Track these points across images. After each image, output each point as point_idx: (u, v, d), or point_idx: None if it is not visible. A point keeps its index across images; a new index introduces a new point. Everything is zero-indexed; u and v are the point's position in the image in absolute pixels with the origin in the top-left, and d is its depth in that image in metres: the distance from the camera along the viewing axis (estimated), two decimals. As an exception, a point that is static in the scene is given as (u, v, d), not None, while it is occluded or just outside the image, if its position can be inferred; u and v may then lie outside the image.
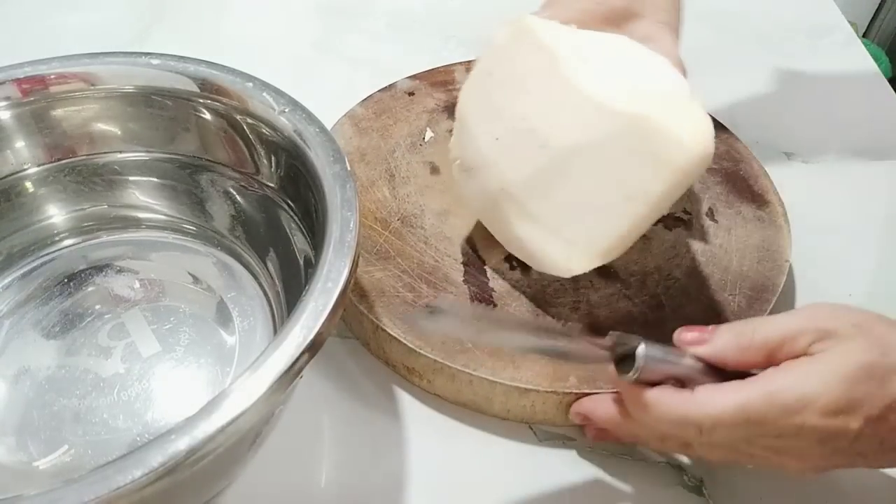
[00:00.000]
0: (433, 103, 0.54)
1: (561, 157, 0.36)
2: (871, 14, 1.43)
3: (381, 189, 0.48)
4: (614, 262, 0.43)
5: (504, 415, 0.40)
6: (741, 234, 0.46)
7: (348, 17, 0.69)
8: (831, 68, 0.65)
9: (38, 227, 0.43)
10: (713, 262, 0.45)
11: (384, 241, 0.44)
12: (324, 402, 0.40)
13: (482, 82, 0.40)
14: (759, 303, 0.42)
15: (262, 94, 0.39)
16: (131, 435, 0.36)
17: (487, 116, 0.39)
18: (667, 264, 0.44)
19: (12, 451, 0.35)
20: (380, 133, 0.51)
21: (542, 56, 0.37)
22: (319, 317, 0.29)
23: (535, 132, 0.37)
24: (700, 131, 0.33)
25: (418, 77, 0.56)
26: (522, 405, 0.39)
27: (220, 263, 0.43)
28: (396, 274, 0.43)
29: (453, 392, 0.40)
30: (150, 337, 0.40)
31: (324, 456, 0.38)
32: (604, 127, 0.35)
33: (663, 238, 0.46)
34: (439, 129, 0.52)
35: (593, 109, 0.35)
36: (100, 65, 0.41)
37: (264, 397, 0.26)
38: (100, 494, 0.24)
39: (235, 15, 0.69)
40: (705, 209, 0.48)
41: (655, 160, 0.33)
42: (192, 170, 0.43)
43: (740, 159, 0.51)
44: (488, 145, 0.39)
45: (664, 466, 0.38)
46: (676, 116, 0.33)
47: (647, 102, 0.34)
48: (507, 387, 0.38)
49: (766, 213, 0.48)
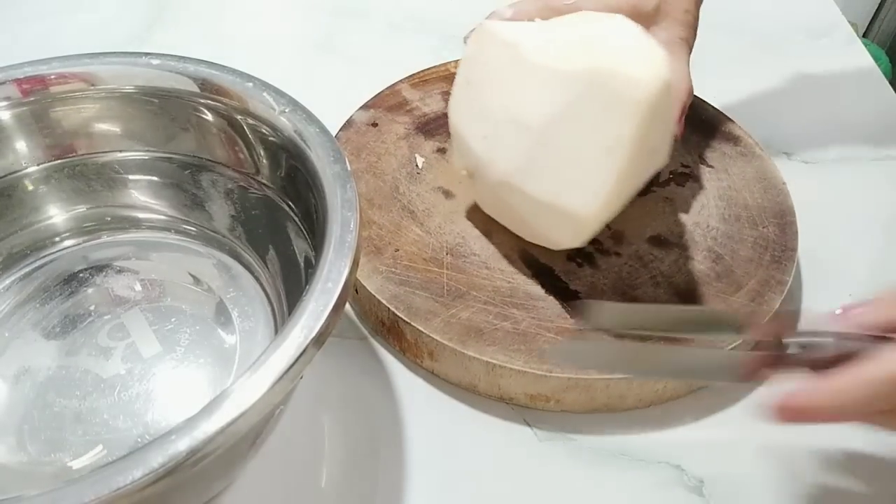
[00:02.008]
0: (402, 129, 0.52)
1: (541, 133, 0.38)
2: (871, 14, 1.43)
3: (411, 229, 0.46)
4: (661, 230, 0.46)
5: (636, 404, 0.41)
6: (737, 171, 0.50)
7: (349, 17, 0.69)
8: (831, 68, 0.65)
9: (38, 227, 0.43)
10: (733, 201, 0.48)
11: (447, 279, 0.43)
12: (324, 402, 0.40)
13: (463, 92, 0.42)
14: (787, 226, 0.47)
15: (262, 94, 0.39)
16: (132, 435, 0.36)
17: (474, 120, 0.41)
18: (700, 217, 0.47)
19: (13, 452, 0.35)
20: (371, 173, 0.49)
21: (507, 51, 0.39)
22: (319, 317, 0.29)
23: (516, 119, 0.39)
24: (652, 64, 0.36)
25: (371, 105, 0.54)
26: (655, 389, 0.40)
27: (220, 264, 0.43)
28: (481, 308, 0.41)
29: (586, 402, 0.40)
30: (151, 337, 0.40)
31: (324, 456, 0.38)
32: (568, 91, 0.37)
33: (683, 195, 0.49)
34: (425, 151, 0.51)
35: (557, 79, 0.37)
36: (100, 65, 0.41)
37: (264, 397, 0.26)
38: (100, 494, 0.24)
39: (236, 15, 0.69)
40: (697, 158, 0.51)
41: (618, 104, 0.36)
42: (192, 170, 0.43)
43: (693, 104, 0.50)
44: (479, 145, 0.40)
45: (664, 466, 0.38)
46: (628, 59, 0.36)
47: (602, 57, 0.36)
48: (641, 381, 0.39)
49: (744, 148, 0.52)
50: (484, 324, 0.40)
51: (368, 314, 0.44)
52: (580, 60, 0.36)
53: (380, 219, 0.46)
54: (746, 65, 0.65)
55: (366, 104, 0.54)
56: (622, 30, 0.38)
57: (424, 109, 0.54)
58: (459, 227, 0.46)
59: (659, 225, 0.46)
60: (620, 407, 0.40)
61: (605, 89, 0.36)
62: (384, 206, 0.47)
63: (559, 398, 0.40)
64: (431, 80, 0.57)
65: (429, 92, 0.56)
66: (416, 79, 0.56)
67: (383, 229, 0.45)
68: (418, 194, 0.48)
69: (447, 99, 0.51)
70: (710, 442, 0.39)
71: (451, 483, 0.38)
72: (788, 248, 0.45)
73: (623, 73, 0.35)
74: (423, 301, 0.41)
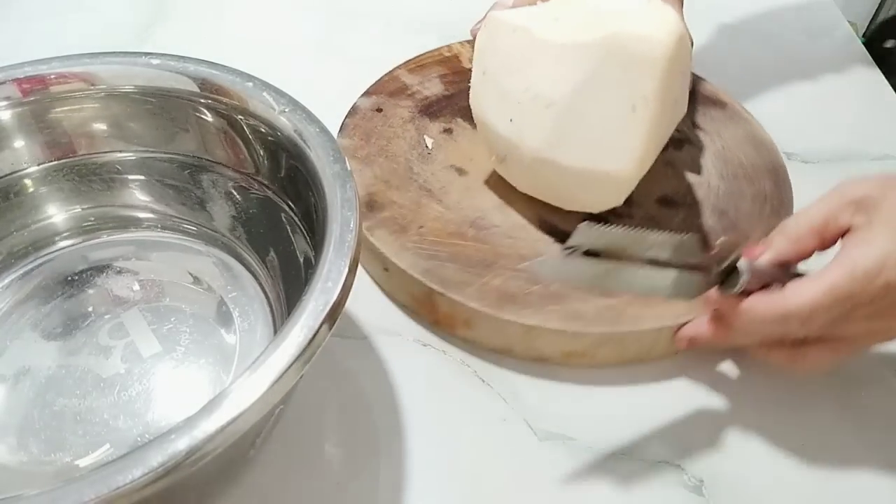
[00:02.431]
0: (406, 112, 0.54)
1: (567, 105, 0.40)
2: (871, 14, 1.43)
3: (431, 206, 0.47)
4: (667, 191, 0.49)
5: (665, 354, 0.43)
6: (728, 133, 0.53)
7: (349, 16, 0.69)
8: (831, 68, 0.65)
9: (38, 226, 0.43)
10: (730, 161, 0.51)
11: (474, 250, 0.44)
12: (324, 402, 0.40)
13: (481, 83, 0.44)
14: (781, 181, 0.50)
15: (262, 94, 0.39)
16: (132, 435, 0.36)
17: (498, 107, 0.43)
18: (702, 177, 0.50)
19: (13, 451, 0.35)
20: (384, 156, 0.50)
21: (518, 35, 0.41)
22: (319, 317, 0.29)
23: (539, 97, 0.40)
24: (665, 21, 0.38)
25: (372, 92, 0.55)
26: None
27: (220, 263, 0.43)
28: (511, 274, 0.43)
29: (617, 355, 0.42)
30: (151, 337, 0.40)
31: (324, 456, 0.38)
32: (587, 61, 0.39)
33: (682, 158, 0.52)
34: (433, 132, 0.52)
35: (573, 52, 0.39)
36: (100, 65, 0.41)
37: (264, 397, 0.27)
38: (100, 494, 0.24)
39: (236, 15, 0.69)
40: (690, 124, 0.54)
41: (638, 63, 0.38)
42: (192, 170, 0.43)
43: None
44: (507, 128, 0.42)
45: (664, 466, 0.38)
46: (640, 20, 0.38)
47: (612, 24, 0.39)
48: (671, 328, 0.41)
49: (730, 111, 0.55)
50: (516, 289, 0.42)
51: (399, 291, 0.45)
52: (592, 31, 0.38)
53: (399, 199, 0.47)
54: (746, 64, 0.65)
55: (367, 91, 0.55)
56: None
57: (425, 93, 0.55)
58: (477, 201, 0.48)
59: (665, 187, 0.49)
60: (648, 357, 0.43)
61: (622, 53, 0.38)
62: (401, 186, 0.48)
63: (593, 353, 0.42)
64: (428, 65, 0.58)
65: (427, 76, 0.57)
66: (412, 64, 0.58)
67: (404, 208, 0.47)
68: (433, 173, 0.50)
69: (445, 82, 0.55)
70: (710, 442, 0.39)
71: (451, 483, 0.38)
72: (785, 200, 0.49)
73: (637, 35, 0.37)
74: (454, 273, 0.43)
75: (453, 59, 0.59)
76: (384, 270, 0.45)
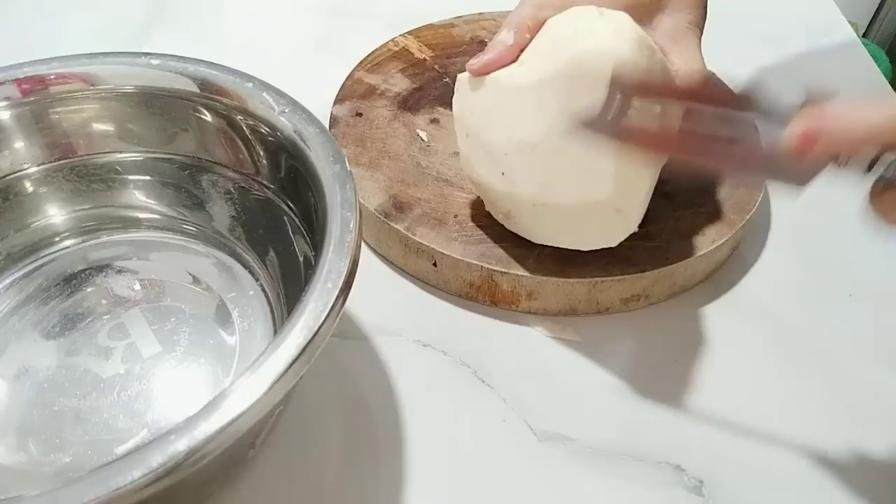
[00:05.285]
0: (387, 112, 0.53)
1: (549, 144, 0.39)
2: (871, 14, 1.43)
3: (455, 195, 0.48)
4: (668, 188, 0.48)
5: (704, 275, 0.46)
6: None
7: (349, 16, 0.69)
8: (831, 68, 0.65)
9: (38, 227, 0.43)
10: None
11: (515, 226, 0.45)
12: (324, 402, 0.40)
13: (467, 145, 0.43)
14: None
15: (262, 94, 0.39)
16: (131, 435, 0.36)
17: (487, 164, 0.42)
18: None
19: (13, 451, 0.35)
20: (387, 157, 0.50)
21: (489, 88, 0.40)
22: (319, 317, 0.29)
23: (523, 142, 0.39)
24: (618, 30, 0.37)
25: (344, 98, 0.54)
26: (716, 259, 0.46)
27: (220, 264, 0.43)
28: None
29: (668, 289, 0.45)
30: (151, 337, 0.40)
31: (324, 456, 0.38)
32: (556, 91, 0.38)
33: None
34: (422, 125, 0.53)
35: (542, 88, 0.38)
36: (100, 65, 0.41)
37: (264, 397, 0.26)
38: (100, 494, 0.24)
39: (235, 15, 0.69)
40: None
41: (596, 80, 0.36)
42: (192, 170, 0.43)
43: None
44: (501, 183, 0.41)
45: (664, 466, 0.38)
46: (595, 36, 0.37)
47: (568, 47, 0.37)
48: (710, 254, 0.44)
49: None
50: (569, 252, 0.43)
51: (452, 282, 0.45)
52: (553, 62, 0.37)
53: (422, 194, 0.48)
54: (746, 64, 0.65)
55: (338, 98, 0.54)
56: (580, 17, 0.38)
57: (395, 90, 0.55)
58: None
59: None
60: (692, 283, 0.46)
61: (585, 74, 0.36)
62: (419, 182, 0.48)
63: (649, 293, 0.45)
64: (383, 62, 0.58)
65: (388, 73, 0.57)
66: (368, 64, 0.58)
67: (431, 202, 0.47)
68: (441, 163, 0.50)
69: (408, 76, 0.55)
70: (710, 442, 0.39)
71: (451, 483, 0.38)
72: None
73: (594, 51, 0.36)
74: (506, 250, 0.44)
75: (404, 52, 0.59)
76: (433, 266, 0.45)
